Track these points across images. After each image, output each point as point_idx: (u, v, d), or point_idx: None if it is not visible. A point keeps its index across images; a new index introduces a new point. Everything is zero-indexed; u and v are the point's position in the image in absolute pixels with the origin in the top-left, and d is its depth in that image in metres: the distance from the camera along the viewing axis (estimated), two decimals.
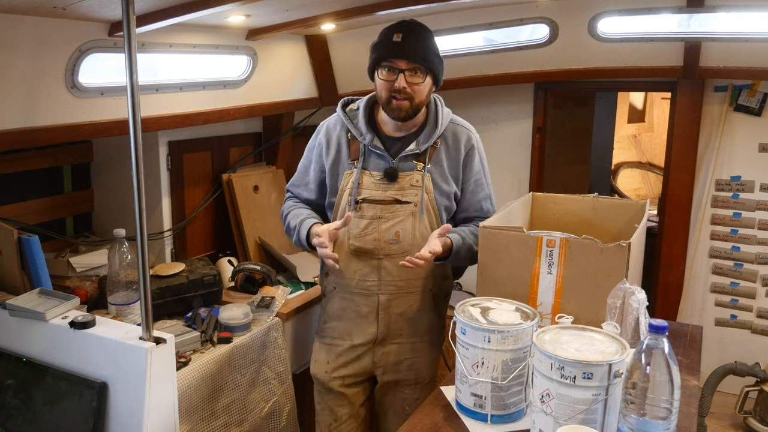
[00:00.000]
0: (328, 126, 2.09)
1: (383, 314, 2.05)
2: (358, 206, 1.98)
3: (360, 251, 2.00)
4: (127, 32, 1.45)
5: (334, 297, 2.10)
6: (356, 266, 2.02)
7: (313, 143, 2.12)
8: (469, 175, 2.06)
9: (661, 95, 5.48)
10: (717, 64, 3.03)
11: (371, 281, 2.02)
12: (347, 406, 2.15)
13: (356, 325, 2.07)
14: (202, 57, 2.57)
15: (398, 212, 1.98)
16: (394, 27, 1.91)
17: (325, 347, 2.14)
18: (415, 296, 2.06)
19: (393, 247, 1.99)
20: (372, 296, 2.03)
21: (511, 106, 3.65)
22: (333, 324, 2.12)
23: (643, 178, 5.72)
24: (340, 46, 3.13)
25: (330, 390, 2.14)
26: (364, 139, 1.98)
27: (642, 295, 1.57)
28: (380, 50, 1.91)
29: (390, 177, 1.97)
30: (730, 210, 3.31)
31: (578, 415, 1.27)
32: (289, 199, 2.20)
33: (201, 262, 2.57)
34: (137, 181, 1.52)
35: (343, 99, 2.10)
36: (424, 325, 2.10)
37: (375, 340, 2.07)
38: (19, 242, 2.00)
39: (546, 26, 3.07)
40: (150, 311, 1.59)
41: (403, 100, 1.89)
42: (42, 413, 1.68)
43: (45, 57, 1.95)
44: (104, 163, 2.80)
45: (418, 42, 1.89)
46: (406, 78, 1.87)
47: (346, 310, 2.08)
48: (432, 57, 1.91)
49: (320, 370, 2.15)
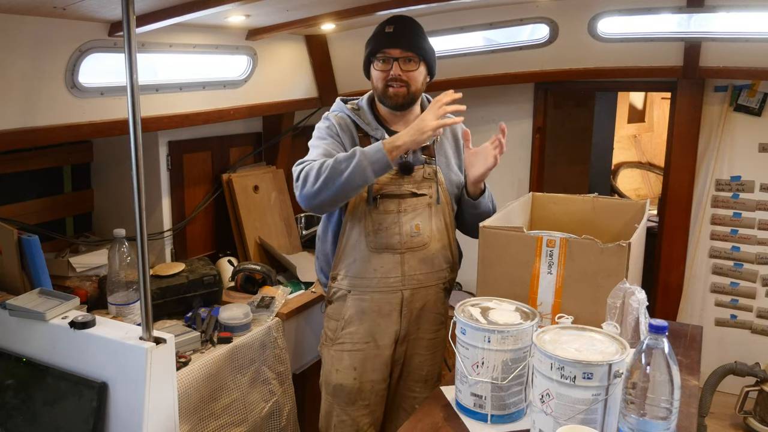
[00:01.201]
0: (337, 115, 2.02)
1: (406, 310, 2.02)
2: (376, 202, 1.95)
3: (382, 247, 1.97)
4: (127, 32, 1.45)
5: (348, 301, 2.03)
6: (377, 263, 1.98)
7: (325, 125, 2.00)
8: (461, 162, 2.11)
9: (661, 95, 5.48)
10: (717, 64, 3.03)
11: (394, 277, 1.99)
12: (369, 416, 2.10)
13: (378, 326, 2.02)
14: (202, 57, 2.57)
15: (416, 205, 1.98)
16: (385, 21, 1.96)
17: (346, 354, 2.05)
18: (432, 290, 2.06)
19: (414, 240, 1.98)
20: (395, 293, 2.00)
21: (511, 106, 3.64)
22: (352, 329, 2.04)
23: (643, 178, 5.72)
24: (340, 46, 3.13)
25: (356, 400, 2.06)
26: (376, 133, 1.98)
27: (642, 295, 1.57)
28: (374, 43, 1.95)
29: (406, 170, 1.97)
30: (730, 210, 3.30)
31: (578, 415, 1.27)
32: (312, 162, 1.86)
33: (201, 262, 2.57)
34: (137, 181, 1.52)
35: (339, 98, 2.10)
36: (437, 320, 2.10)
37: (398, 338, 2.05)
38: (19, 242, 2.00)
39: (546, 26, 3.07)
40: (150, 311, 1.59)
41: (400, 87, 1.93)
42: (42, 413, 1.68)
43: (45, 57, 1.95)
44: (104, 163, 2.80)
45: (410, 32, 1.94)
46: (401, 66, 1.91)
47: (366, 312, 2.02)
48: (424, 45, 1.96)
49: (347, 378, 2.05)
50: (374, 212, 1.96)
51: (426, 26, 2.02)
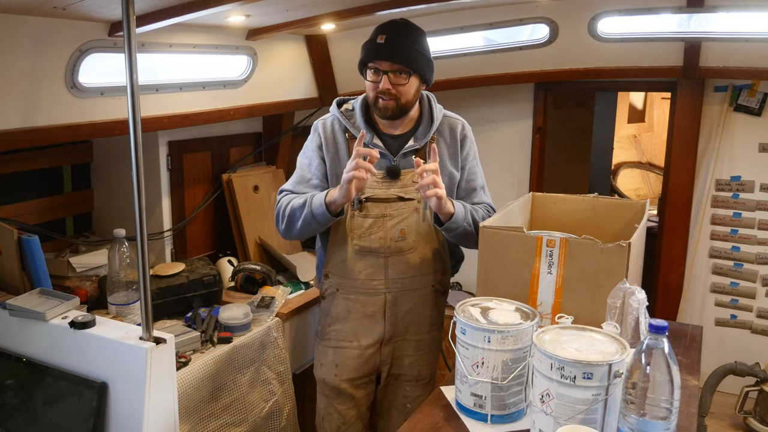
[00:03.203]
0: (324, 124, 2.06)
1: (390, 313, 2.04)
2: (361, 205, 1.97)
3: (365, 250, 1.99)
4: (127, 32, 1.45)
5: (336, 299, 2.08)
6: (361, 266, 2.01)
7: (310, 142, 2.09)
8: (462, 163, 2.09)
9: (661, 95, 5.48)
10: (717, 64, 3.03)
11: (377, 280, 2.01)
12: (354, 409, 2.14)
13: (363, 326, 2.06)
14: (202, 57, 2.57)
15: (402, 210, 1.98)
16: (380, 28, 1.91)
17: (331, 350, 2.11)
18: (420, 293, 2.06)
19: (399, 244, 1.99)
20: (378, 296, 2.03)
21: (511, 106, 3.65)
22: (338, 326, 2.09)
23: (643, 178, 5.72)
24: (340, 46, 3.13)
25: (339, 393, 2.12)
26: (366, 137, 1.98)
27: (642, 295, 1.57)
28: (365, 52, 1.93)
29: (392, 175, 1.97)
30: (730, 210, 3.30)
31: (578, 415, 1.27)
32: (285, 195, 2.05)
33: (201, 262, 2.57)
34: (137, 181, 1.52)
35: (336, 99, 2.10)
36: (427, 322, 2.10)
37: (382, 339, 2.07)
38: (19, 242, 2.00)
39: (546, 26, 3.07)
40: (150, 311, 1.59)
41: (389, 100, 1.90)
42: (42, 413, 1.68)
43: (45, 57, 1.95)
44: (104, 163, 2.80)
45: (402, 43, 1.88)
46: (391, 79, 1.88)
47: (352, 312, 2.06)
48: (416, 57, 1.89)
49: (328, 373, 2.12)
50: (359, 216, 1.97)
51: (426, 26, 2.01)
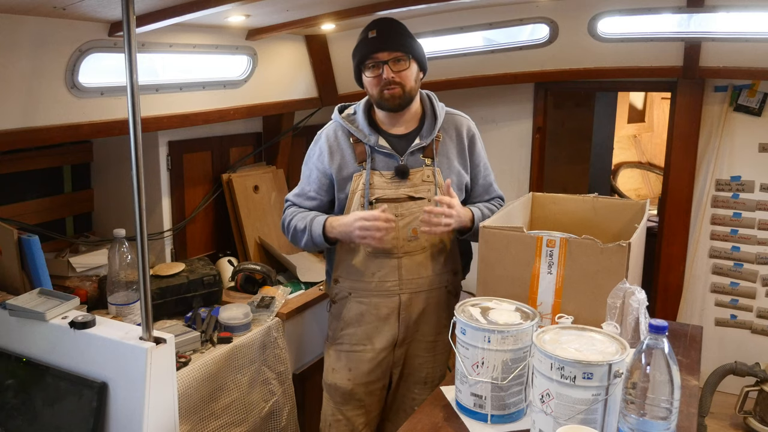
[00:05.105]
0: (327, 133, 2.07)
1: (404, 314, 2.03)
2: (372, 207, 1.96)
3: (378, 252, 1.98)
4: (127, 32, 1.45)
5: (349, 302, 2.06)
6: (374, 268, 2.00)
7: (312, 151, 2.10)
8: (477, 161, 2.09)
9: (661, 95, 5.48)
10: (717, 64, 3.03)
11: (391, 281, 2.00)
12: (364, 416, 2.12)
13: (376, 329, 2.04)
14: (202, 57, 2.57)
15: (413, 209, 1.98)
16: (367, 27, 1.96)
17: (344, 355, 2.08)
18: (434, 293, 2.06)
19: (411, 244, 1.98)
20: (393, 297, 2.02)
21: (511, 106, 3.65)
22: (351, 330, 2.07)
23: (643, 178, 5.72)
24: (340, 46, 3.12)
25: (349, 400, 2.09)
26: (369, 140, 1.98)
27: (642, 295, 1.57)
28: (360, 51, 1.95)
29: (401, 174, 1.97)
30: (730, 210, 3.30)
31: (578, 415, 1.27)
32: (289, 207, 2.13)
33: (201, 262, 2.57)
34: (137, 181, 1.52)
35: (338, 105, 2.12)
36: (439, 324, 2.09)
37: (396, 342, 2.06)
38: (19, 242, 2.00)
39: (546, 26, 3.07)
40: (150, 311, 1.59)
41: (395, 88, 1.92)
42: (42, 413, 1.68)
43: (45, 57, 1.95)
44: (104, 163, 2.80)
45: (394, 32, 1.93)
46: (392, 68, 1.91)
47: (365, 315, 2.04)
48: (410, 42, 1.95)
49: (341, 378, 2.09)
50: None
51: (426, 26, 2.02)
